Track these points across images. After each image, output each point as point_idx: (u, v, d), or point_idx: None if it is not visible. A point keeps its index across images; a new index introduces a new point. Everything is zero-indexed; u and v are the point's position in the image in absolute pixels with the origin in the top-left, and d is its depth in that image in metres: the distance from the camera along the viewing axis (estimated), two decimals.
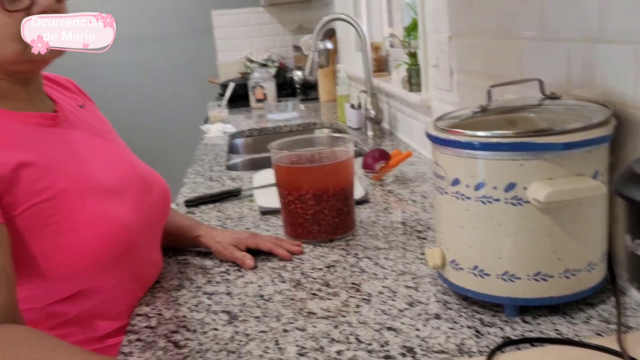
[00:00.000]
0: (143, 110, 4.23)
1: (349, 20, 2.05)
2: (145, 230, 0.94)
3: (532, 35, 1.01)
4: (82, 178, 0.87)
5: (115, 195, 0.90)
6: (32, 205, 0.80)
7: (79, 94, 1.07)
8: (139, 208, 0.93)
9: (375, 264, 0.99)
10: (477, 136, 0.73)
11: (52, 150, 0.86)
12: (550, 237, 0.72)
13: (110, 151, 0.98)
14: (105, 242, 0.84)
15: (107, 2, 4.01)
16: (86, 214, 0.84)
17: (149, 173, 1.04)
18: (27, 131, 0.85)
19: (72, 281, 0.84)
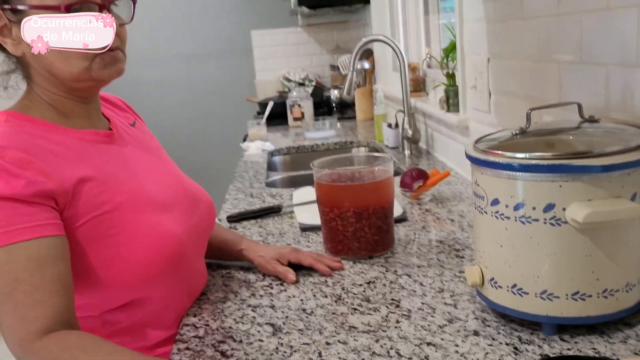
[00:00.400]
0: (184, 127, 4.34)
1: (387, 42, 2.09)
2: (192, 242, 0.99)
3: (570, 59, 1.03)
4: (137, 192, 0.92)
5: (166, 208, 0.95)
6: (92, 218, 0.85)
7: (130, 112, 1.13)
8: (187, 221, 0.98)
9: (414, 281, 1.01)
10: (516, 158, 0.76)
11: (109, 166, 0.92)
12: (589, 258, 0.74)
13: (160, 167, 1.04)
14: (158, 253, 0.89)
15: (152, 23, 4.17)
16: (141, 227, 0.89)
17: (195, 188, 1.08)
18: (86, 148, 0.91)
19: (126, 290, 0.89)
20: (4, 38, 0.87)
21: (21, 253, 0.77)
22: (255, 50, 4.37)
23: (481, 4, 1.43)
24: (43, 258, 0.78)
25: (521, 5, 1.21)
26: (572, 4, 1.02)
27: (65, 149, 0.88)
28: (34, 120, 0.89)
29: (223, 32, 4.33)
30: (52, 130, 0.89)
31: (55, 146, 0.87)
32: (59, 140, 0.88)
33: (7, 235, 0.77)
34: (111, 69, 0.90)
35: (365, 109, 3.04)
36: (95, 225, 0.85)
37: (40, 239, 0.78)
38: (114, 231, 0.86)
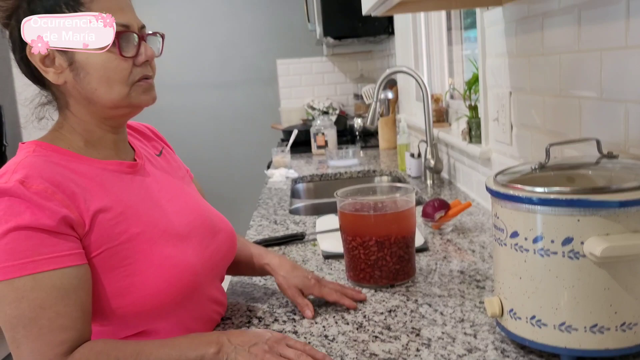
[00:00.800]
0: (210, 153, 4.42)
1: (411, 74, 2.13)
2: (208, 271, 1.00)
3: (590, 95, 1.06)
4: (154, 223, 0.94)
5: (182, 239, 0.97)
6: (108, 248, 0.87)
7: (158, 141, 1.16)
8: (203, 251, 1.00)
9: (435, 310, 1.03)
10: (535, 192, 0.78)
11: (129, 197, 0.94)
12: (607, 291, 0.75)
13: (180, 196, 1.06)
14: (171, 284, 0.91)
15: (182, 52, 4.28)
16: (155, 258, 0.91)
17: (216, 217, 1.10)
18: (108, 178, 0.94)
19: (140, 320, 0.91)
20: (46, 68, 0.91)
21: (46, 282, 0.80)
22: (280, 79, 4.46)
23: (503, 38, 1.46)
24: (66, 287, 0.81)
25: (542, 42, 1.24)
26: (591, 42, 1.04)
27: (88, 180, 0.90)
28: (61, 150, 0.92)
29: (249, 61, 4.42)
30: (76, 161, 0.92)
31: (78, 177, 0.89)
32: (82, 170, 0.91)
33: (34, 265, 0.80)
34: (147, 96, 0.96)
35: (388, 138, 3.07)
36: (110, 256, 0.87)
37: (64, 269, 0.81)
38: (129, 262, 0.88)
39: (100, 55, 0.90)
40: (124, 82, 0.92)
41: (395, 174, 2.50)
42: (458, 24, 2.37)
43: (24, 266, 0.79)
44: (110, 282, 0.87)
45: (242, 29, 4.39)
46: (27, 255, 0.80)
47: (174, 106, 4.30)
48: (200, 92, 4.43)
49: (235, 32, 4.39)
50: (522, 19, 1.33)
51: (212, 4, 4.36)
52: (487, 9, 1.56)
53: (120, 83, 0.92)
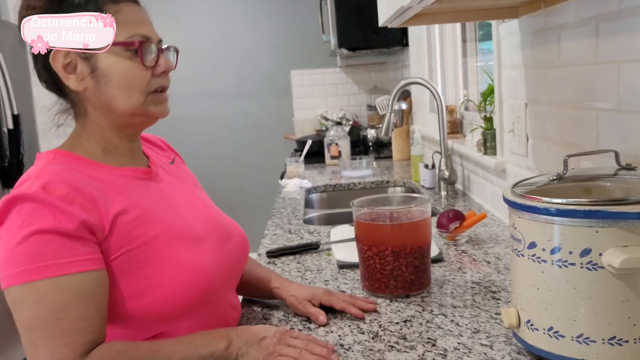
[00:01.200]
0: (224, 163, 4.45)
1: (426, 85, 2.14)
2: (223, 274, 1.02)
3: (608, 106, 1.06)
4: (171, 226, 0.96)
5: (199, 241, 0.98)
6: (127, 251, 0.89)
7: (169, 151, 1.19)
8: (219, 253, 1.01)
9: (451, 321, 1.03)
10: (554, 203, 0.78)
11: (146, 201, 0.96)
12: (626, 303, 0.75)
13: (194, 200, 1.08)
14: (189, 285, 0.92)
15: (197, 62, 4.32)
16: (173, 259, 0.92)
17: (228, 222, 1.12)
18: (124, 184, 0.96)
19: (158, 322, 0.92)
20: (67, 75, 0.93)
21: (67, 285, 0.82)
22: (294, 90, 4.49)
23: (519, 50, 1.47)
24: (87, 290, 0.83)
25: (559, 53, 1.24)
26: (609, 54, 1.04)
27: (105, 185, 0.92)
28: (79, 158, 0.95)
29: (264, 72, 4.46)
30: (94, 168, 0.94)
31: (97, 182, 0.92)
32: (100, 177, 0.93)
33: (55, 268, 0.81)
34: (160, 108, 0.99)
35: (402, 149, 3.08)
36: (128, 259, 0.89)
37: (83, 273, 0.83)
38: (147, 264, 0.90)
39: (124, 62, 0.93)
40: (141, 91, 0.95)
41: (409, 185, 2.50)
42: (472, 36, 2.38)
43: (46, 269, 0.81)
44: (129, 284, 0.89)
45: (257, 40, 4.43)
46: (48, 259, 0.81)
47: (190, 115, 4.34)
48: (216, 102, 4.47)
49: (250, 43, 4.43)
50: (538, 31, 1.34)
51: (228, 16, 4.40)
52: (503, 21, 1.56)
53: (138, 91, 0.95)
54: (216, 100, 4.47)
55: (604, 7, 1.04)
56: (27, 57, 3.49)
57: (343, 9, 3.19)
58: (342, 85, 4.49)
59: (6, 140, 3.03)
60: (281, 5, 4.40)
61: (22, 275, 0.81)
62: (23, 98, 3.25)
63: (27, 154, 3.12)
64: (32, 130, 3.38)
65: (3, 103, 2.98)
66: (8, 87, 2.99)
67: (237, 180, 4.46)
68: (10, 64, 3.09)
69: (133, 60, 0.93)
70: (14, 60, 3.20)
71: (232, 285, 1.09)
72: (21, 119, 3.07)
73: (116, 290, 0.88)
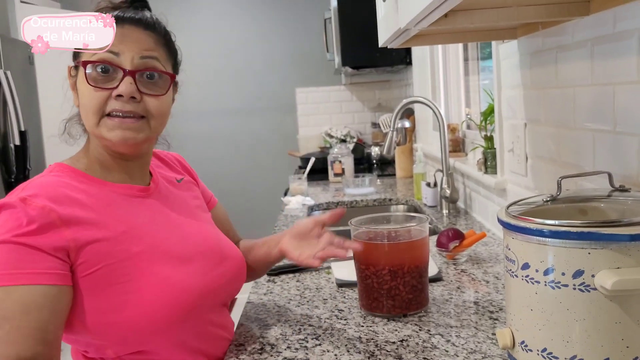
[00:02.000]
0: (227, 179, 4.46)
1: (428, 103, 2.15)
2: (209, 295, 1.02)
3: (604, 128, 1.06)
4: (156, 244, 0.97)
5: (183, 261, 0.99)
6: (106, 265, 0.90)
7: (180, 170, 1.20)
8: (205, 275, 1.02)
9: (447, 341, 1.03)
10: (546, 224, 0.78)
11: (133, 218, 0.97)
12: (619, 325, 0.75)
13: (189, 224, 1.08)
14: (168, 303, 0.93)
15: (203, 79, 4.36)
16: (153, 276, 0.93)
17: (226, 246, 1.12)
18: (116, 200, 0.97)
19: (135, 338, 0.92)
20: (73, 92, 0.99)
21: (15, 295, 0.83)
22: (299, 107, 4.51)
23: (518, 71, 1.48)
24: (32, 304, 0.83)
25: (556, 74, 1.25)
26: (604, 76, 1.05)
27: (96, 200, 0.94)
28: (77, 172, 0.97)
29: (269, 89, 4.49)
30: (89, 182, 0.96)
31: (86, 197, 0.93)
32: (92, 192, 0.95)
33: (9, 277, 0.83)
34: (114, 134, 0.95)
35: (405, 167, 3.08)
36: (108, 272, 0.90)
37: (35, 286, 0.84)
38: (126, 279, 0.91)
39: (82, 83, 0.95)
40: (94, 112, 0.94)
41: (411, 202, 2.51)
42: (475, 55, 2.40)
43: (1, 278, 0.83)
44: (108, 297, 0.90)
45: (262, 58, 4.47)
46: (5, 268, 0.83)
47: (194, 132, 4.37)
48: (220, 118, 4.50)
49: (256, 61, 4.47)
50: (536, 52, 1.35)
51: (234, 35, 4.45)
52: (502, 42, 1.58)
53: (91, 112, 0.95)
54: (222, 117, 4.50)
55: (598, 29, 1.06)
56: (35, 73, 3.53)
57: (347, 28, 3.23)
58: (347, 102, 4.51)
59: (13, 156, 3.06)
60: (286, 24, 4.44)
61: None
62: (30, 114, 3.29)
63: (33, 169, 3.15)
64: (39, 146, 3.41)
65: (10, 119, 3.02)
66: (15, 103, 3.03)
67: (241, 196, 4.47)
68: (19, 80, 3.13)
69: (84, 77, 0.94)
70: (22, 77, 3.25)
71: (220, 306, 1.09)
72: (28, 135, 3.11)
73: (94, 302, 0.89)
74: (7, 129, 3.06)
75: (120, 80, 0.93)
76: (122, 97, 0.93)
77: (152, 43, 0.98)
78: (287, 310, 1.24)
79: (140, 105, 0.95)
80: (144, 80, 0.96)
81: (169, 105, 1.02)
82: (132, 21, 0.97)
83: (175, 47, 1.04)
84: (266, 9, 4.45)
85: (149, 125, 0.97)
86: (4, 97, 3.00)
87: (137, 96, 0.94)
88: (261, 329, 1.15)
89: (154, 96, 0.97)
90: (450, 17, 1.06)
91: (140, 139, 0.97)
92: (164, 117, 1.00)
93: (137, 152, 1.01)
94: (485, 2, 1.03)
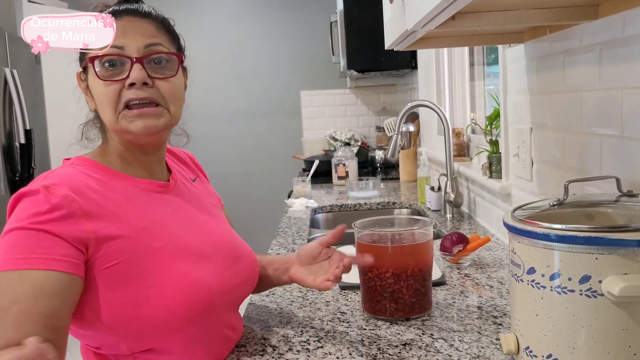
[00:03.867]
0: (231, 181, 4.47)
1: (432, 107, 2.14)
2: (224, 294, 1.01)
3: (611, 133, 1.05)
4: (176, 240, 0.97)
5: (202, 258, 0.99)
6: (126, 259, 0.90)
7: (194, 168, 1.20)
8: (223, 273, 1.01)
9: (450, 346, 1.02)
10: (553, 228, 0.77)
11: (154, 213, 0.97)
12: (626, 331, 0.74)
13: (207, 221, 1.08)
14: (187, 299, 0.92)
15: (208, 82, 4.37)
16: (173, 272, 0.93)
17: (240, 245, 1.12)
18: (137, 194, 0.98)
19: (151, 335, 0.91)
20: (86, 96, 1.00)
21: (29, 279, 0.82)
22: (303, 110, 4.51)
23: (525, 75, 1.47)
24: (44, 288, 0.82)
25: (563, 79, 1.25)
26: (612, 81, 1.05)
27: (117, 194, 0.94)
28: (98, 165, 0.97)
29: (274, 92, 4.50)
30: (110, 176, 0.96)
31: (108, 190, 0.93)
32: (113, 185, 0.95)
33: (25, 262, 0.82)
34: (135, 125, 0.95)
35: (409, 171, 3.07)
36: (128, 267, 0.89)
37: (49, 272, 0.83)
38: (147, 274, 0.90)
39: (93, 80, 0.95)
40: (111, 107, 0.94)
41: (415, 206, 2.50)
42: (480, 60, 2.39)
43: (15, 261, 0.82)
44: (127, 292, 0.89)
45: (268, 61, 4.48)
46: (22, 252, 0.82)
47: (199, 134, 4.34)
48: (226, 120, 4.50)
49: (261, 64, 4.48)
50: (543, 56, 1.34)
51: (239, 37, 4.46)
52: (509, 46, 1.57)
53: (109, 107, 0.95)
54: (227, 119, 4.51)
55: (607, 34, 1.05)
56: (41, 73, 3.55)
57: (353, 32, 3.22)
58: (352, 106, 4.51)
59: (18, 155, 3.07)
60: (292, 27, 4.45)
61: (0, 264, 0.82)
62: (36, 113, 3.30)
63: (38, 168, 3.15)
64: (44, 145, 3.42)
65: (16, 118, 3.02)
66: (21, 102, 3.03)
67: (246, 199, 4.47)
68: (25, 79, 3.14)
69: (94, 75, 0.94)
70: (28, 76, 3.25)
71: (234, 305, 1.09)
72: (33, 133, 3.12)
73: (113, 297, 0.89)
74: (12, 128, 3.06)
75: (129, 69, 0.94)
76: (135, 85, 0.93)
77: (153, 29, 0.98)
78: (290, 312, 1.23)
79: (154, 90, 0.95)
80: (152, 65, 0.96)
81: (181, 89, 1.02)
82: (129, 12, 0.97)
83: (176, 32, 1.04)
84: (272, 12, 4.46)
85: (167, 111, 0.98)
86: (10, 96, 3.01)
87: (148, 82, 0.94)
88: (263, 330, 1.15)
89: (165, 79, 0.97)
90: (457, 20, 1.05)
91: (162, 125, 0.97)
92: (179, 100, 1.00)
93: (157, 142, 1.02)
94: (493, 5, 1.03)
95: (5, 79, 2.99)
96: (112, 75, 0.94)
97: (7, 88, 3.01)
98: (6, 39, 3.04)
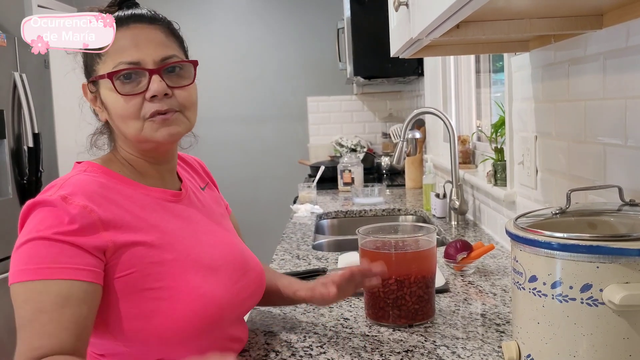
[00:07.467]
0: (237, 186, 4.47)
1: (438, 114, 2.15)
2: (234, 307, 1.01)
3: (615, 142, 1.06)
4: (188, 252, 0.97)
5: (213, 271, 0.98)
6: (138, 270, 0.90)
7: (203, 175, 1.20)
8: (232, 286, 1.01)
9: (453, 353, 1.02)
10: (555, 237, 0.78)
11: (167, 224, 0.97)
12: (626, 340, 0.74)
13: (216, 232, 1.08)
14: (196, 313, 0.92)
15: (215, 87, 4.39)
16: (184, 285, 0.93)
17: (249, 257, 1.11)
18: (150, 203, 0.98)
19: (162, 346, 0.92)
20: (95, 107, 1.00)
21: (54, 289, 0.83)
22: (310, 116, 4.53)
23: (530, 83, 1.47)
24: (69, 298, 0.83)
25: (568, 88, 1.25)
26: (617, 90, 1.05)
27: (131, 202, 0.94)
28: (111, 173, 0.97)
29: (280, 97, 4.51)
30: (123, 184, 0.96)
31: (122, 198, 0.93)
32: (127, 193, 0.95)
33: (50, 271, 0.83)
34: (160, 134, 0.96)
35: (415, 178, 3.08)
36: (139, 278, 0.90)
37: (74, 281, 0.84)
38: (160, 284, 0.91)
39: (111, 94, 0.95)
40: (135, 119, 0.95)
41: (420, 213, 2.50)
42: (486, 67, 2.40)
43: (39, 271, 0.83)
44: (139, 302, 0.89)
45: (274, 67, 4.50)
46: (46, 262, 0.83)
47: (205, 138, 4.35)
48: (232, 125, 4.52)
49: (268, 70, 4.49)
50: (548, 65, 1.35)
51: (246, 43, 4.48)
52: (514, 54, 1.58)
53: (132, 119, 0.95)
54: (233, 124, 4.52)
55: (611, 43, 1.05)
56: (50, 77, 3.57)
57: (360, 38, 3.23)
58: (358, 112, 4.52)
59: (26, 158, 3.09)
60: (299, 33, 4.47)
61: (20, 274, 0.83)
62: (44, 117, 3.32)
63: (46, 172, 3.17)
64: (52, 149, 3.44)
65: (24, 121, 3.05)
66: (30, 106, 3.06)
67: (251, 203, 4.48)
68: (34, 83, 3.17)
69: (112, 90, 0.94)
70: (37, 80, 3.28)
71: (240, 318, 1.09)
72: (41, 137, 3.14)
73: (124, 306, 0.89)
74: (21, 131, 3.09)
75: (147, 81, 0.94)
76: (156, 97, 0.94)
77: (163, 37, 0.98)
78: (293, 318, 1.23)
79: (173, 99, 0.96)
80: (169, 75, 0.96)
81: (196, 93, 1.02)
82: (136, 19, 0.97)
83: (179, 34, 1.04)
84: (279, 18, 4.48)
85: (186, 117, 0.99)
86: (19, 100, 3.03)
87: (169, 92, 0.95)
88: (266, 335, 1.15)
89: (183, 87, 0.98)
90: (462, 28, 1.06)
91: (183, 131, 0.99)
92: (195, 105, 1.01)
93: (173, 149, 1.04)
94: (498, 14, 1.03)
95: (14, 82, 3.02)
96: (131, 90, 0.94)
97: (16, 92, 3.03)
98: (16, 43, 3.07)
